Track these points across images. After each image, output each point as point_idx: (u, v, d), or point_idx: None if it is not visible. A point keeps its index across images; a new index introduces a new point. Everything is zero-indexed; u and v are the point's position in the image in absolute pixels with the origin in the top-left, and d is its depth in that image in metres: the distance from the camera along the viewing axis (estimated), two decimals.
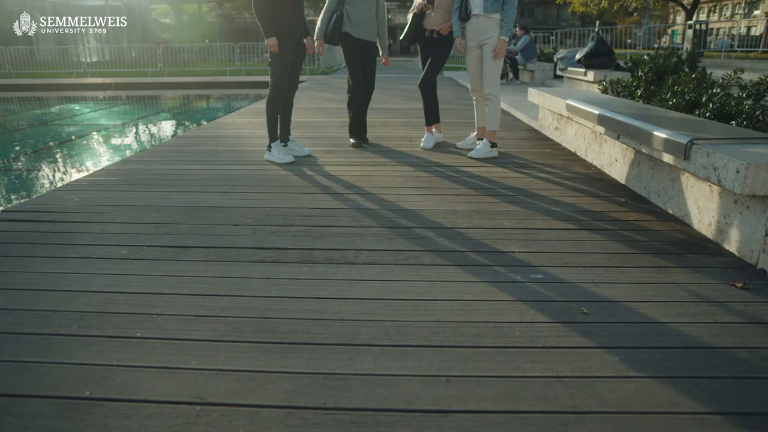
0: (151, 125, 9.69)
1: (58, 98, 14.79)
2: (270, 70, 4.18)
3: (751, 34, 29.28)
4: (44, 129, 9.32)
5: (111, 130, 9.16)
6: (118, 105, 13.18)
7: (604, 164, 4.12)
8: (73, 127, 9.46)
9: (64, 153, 7.24)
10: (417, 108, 7.11)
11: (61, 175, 5.92)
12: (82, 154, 7.12)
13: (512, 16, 4.29)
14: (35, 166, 6.50)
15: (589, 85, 8.25)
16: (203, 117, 10.81)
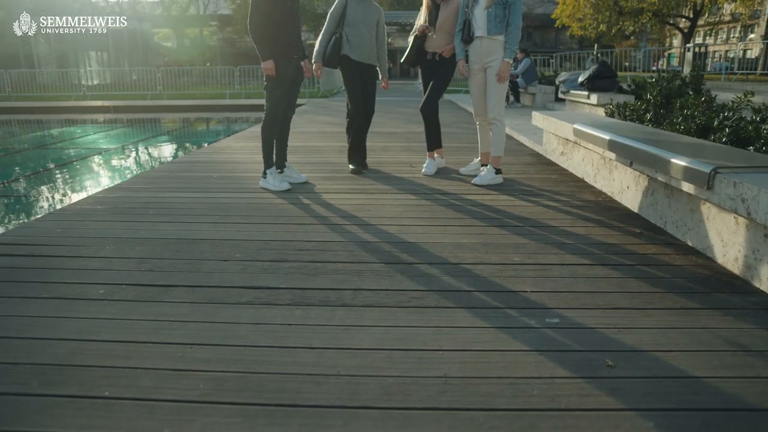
0: (147, 149, 9.56)
1: (56, 121, 14.71)
2: (266, 94, 4.03)
3: (746, 57, 29.48)
4: (38, 153, 9.20)
5: (105, 154, 9.02)
6: (115, 128, 13.08)
7: (615, 191, 3.94)
8: (68, 150, 9.34)
9: (55, 178, 7.08)
10: (418, 132, 6.97)
11: (47, 203, 5.73)
12: (72, 180, 6.96)
13: (516, 38, 4.15)
14: (22, 192, 6.33)
15: (593, 108, 8.12)
16: (200, 141, 10.65)
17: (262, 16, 3.78)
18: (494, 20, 4.09)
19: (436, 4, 4.50)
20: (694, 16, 31.34)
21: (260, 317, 2.08)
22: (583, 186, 4.34)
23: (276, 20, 3.82)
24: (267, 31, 3.81)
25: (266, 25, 3.81)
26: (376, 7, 4.68)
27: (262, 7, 3.77)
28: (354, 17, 4.54)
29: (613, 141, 3.57)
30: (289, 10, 3.91)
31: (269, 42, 3.83)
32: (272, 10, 3.79)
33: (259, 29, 3.81)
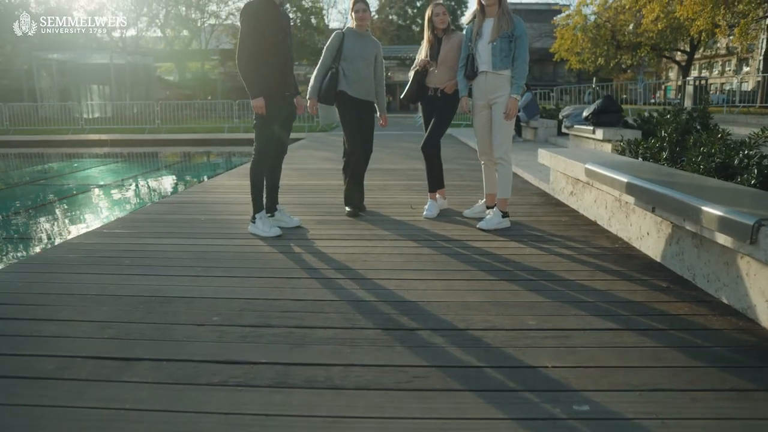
0: (136, 187, 9.21)
1: (52, 155, 14.54)
2: (255, 133, 3.76)
3: (742, 89, 29.62)
4: (23, 190, 8.90)
5: (91, 192, 8.67)
6: (109, 163, 12.82)
7: (633, 237, 3.62)
8: (54, 188, 9.04)
9: (33, 221, 6.68)
10: (418, 168, 6.71)
11: (18, 251, 5.35)
12: (51, 223, 6.57)
13: (524, 72, 3.91)
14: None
15: (598, 143, 7.89)
16: (193, 178, 10.36)
17: (252, 51, 3.54)
18: (500, 54, 3.86)
19: (438, 37, 4.28)
20: (691, 50, 31.64)
21: (233, 404, 1.74)
22: (597, 230, 4.03)
23: (267, 55, 3.58)
24: (257, 66, 3.57)
25: (256, 60, 3.56)
26: (374, 41, 4.47)
27: (252, 40, 3.54)
28: (351, 51, 4.32)
29: (633, 184, 3.28)
30: (281, 44, 3.67)
31: (259, 78, 3.58)
32: (263, 44, 3.55)
33: (248, 65, 3.56)
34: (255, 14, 3.53)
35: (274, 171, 3.98)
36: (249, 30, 3.52)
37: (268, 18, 3.56)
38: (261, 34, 3.53)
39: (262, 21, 3.53)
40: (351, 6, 4.37)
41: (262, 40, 3.55)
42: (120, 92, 32.16)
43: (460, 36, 4.22)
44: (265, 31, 3.54)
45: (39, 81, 32.07)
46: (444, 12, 4.27)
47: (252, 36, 3.52)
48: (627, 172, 3.51)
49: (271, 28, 3.58)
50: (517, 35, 3.86)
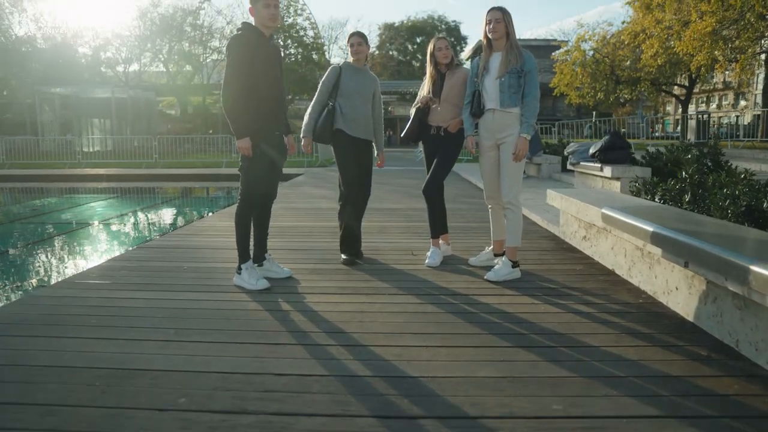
0: (120, 228, 8.69)
1: (44, 190, 14.28)
2: (241, 177, 3.44)
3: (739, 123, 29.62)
4: (2, 230, 8.48)
5: (72, 234, 8.14)
6: (99, 200, 12.46)
7: (659, 291, 3.26)
8: (35, 227, 8.63)
9: (2, 266, 6.21)
10: (419, 208, 6.39)
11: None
12: (19, 270, 6.05)
13: (535, 110, 3.62)
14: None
15: (606, 181, 7.59)
16: (183, 217, 9.92)
17: (239, 86, 3.25)
18: (508, 91, 3.58)
19: (441, 73, 4.01)
20: (690, 85, 31.82)
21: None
22: (616, 281, 3.67)
23: (255, 91, 3.29)
24: (244, 103, 3.27)
25: (244, 96, 3.27)
26: (372, 76, 4.20)
27: (240, 75, 3.25)
28: (349, 87, 4.05)
29: (660, 234, 2.93)
30: (271, 79, 3.39)
31: (246, 116, 3.28)
32: (251, 79, 3.27)
33: (234, 101, 3.26)
34: (243, 47, 3.26)
35: (262, 217, 3.65)
36: (236, 63, 3.24)
37: (257, 51, 3.29)
38: (249, 69, 3.25)
39: (250, 54, 3.26)
40: (347, 39, 4.13)
41: (251, 74, 3.26)
42: (121, 126, 32.24)
43: (465, 71, 3.95)
44: (254, 65, 3.26)
45: (41, 114, 32.24)
46: (447, 46, 4.01)
47: (239, 70, 3.24)
48: (651, 219, 3.17)
49: (261, 61, 3.30)
50: (526, 70, 3.58)
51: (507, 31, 3.58)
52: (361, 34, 4.12)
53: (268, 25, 3.33)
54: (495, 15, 3.55)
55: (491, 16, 3.56)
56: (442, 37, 4.06)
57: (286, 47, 39.11)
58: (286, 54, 38.85)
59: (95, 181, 15.68)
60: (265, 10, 3.26)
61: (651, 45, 21.04)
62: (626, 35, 23.35)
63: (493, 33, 3.57)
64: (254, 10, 3.29)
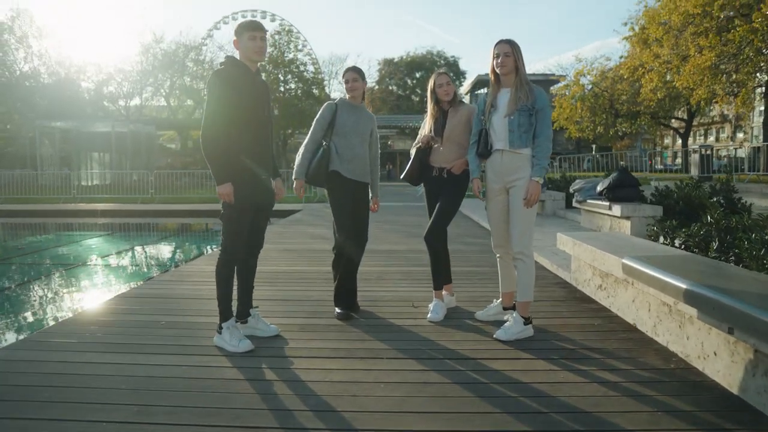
0: (101, 272, 7.90)
1: (35, 226, 13.95)
2: (223, 226, 3.09)
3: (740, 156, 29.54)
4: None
5: (46, 279, 7.32)
6: (86, 238, 12.04)
7: (692, 355, 2.88)
8: (4, 269, 8.07)
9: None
10: (419, 250, 6.05)
11: None
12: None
13: (547, 151, 3.30)
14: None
15: (615, 220, 7.27)
16: (171, 259, 9.38)
17: (221, 125, 2.93)
18: (518, 130, 3.27)
19: (443, 110, 3.72)
20: (689, 118, 31.90)
21: None
22: (641, 340, 3.29)
23: (240, 130, 2.98)
24: (227, 144, 2.95)
25: (226, 136, 2.95)
26: (369, 114, 3.92)
27: (222, 113, 2.94)
28: (345, 126, 3.75)
29: (697, 294, 2.57)
30: (258, 117, 3.08)
31: (229, 159, 2.96)
32: (235, 118, 2.96)
33: (215, 142, 2.93)
34: (226, 82, 2.96)
35: (246, 270, 3.29)
36: (218, 100, 2.94)
37: (242, 87, 2.99)
38: (233, 106, 2.94)
39: (234, 90, 2.96)
40: (342, 75, 3.86)
41: (235, 112, 2.96)
42: (121, 160, 32.20)
43: (470, 108, 3.66)
44: (237, 102, 2.96)
45: (40, 148, 32.26)
46: (448, 82, 3.72)
47: (222, 107, 2.93)
48: (682, 273, 2.81)
49: (246, 98, 3.00)
50: (538, 108, 3.29)
51: (516, 65, 3.30)
52: (357, 69, 3.84)
53: (253, 59, 3.05)
54: (503, 48, 3.27)
55: (499, 50, 3.28)
56: (443, 72, 3.77)
57: (286, 82, 39.44)
58: (286, 89, 39.18)
59: (89, 217, 15.35)
60: (251, 42, 2.98)
61: (650, 79, 21.05)
62: (625, 69, 23.41)
63: (501, 68, 3.29)
64: (239, 42, 3.02)
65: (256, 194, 3.09)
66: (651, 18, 21.34)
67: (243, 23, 3.00)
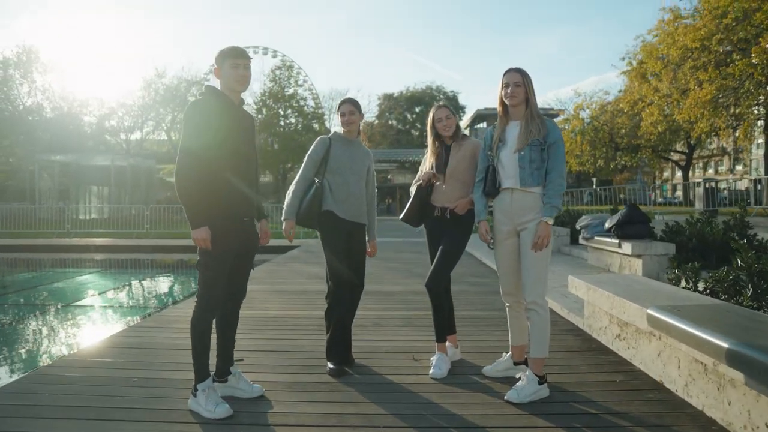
0: (77, 316, 7.12)
1: (22, 262, 13.57)
2: (199, 275, 2.76)
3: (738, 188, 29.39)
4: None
5: (15, 324, 6.62)
6: (72, 275, 11.55)
7: (736, 424, 2.50)
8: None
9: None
10: (420, 291, 5.69)
11: None
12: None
13: (560, 189, 2.99)
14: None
15: (625, 259, 6.93)
16: (156, 300, 8.73)
17: (197, 162, 2.63)
18: (529, 166, 2.97)
19: (446, 145, 3.42)
20: (690, 151, 31.88)
21: None
22: (671, 401, 2.91)
23: (219, 167, 2.67)
24: (203, 183, 2.64)
25: (202, 173, 2.64)
26: (365, 150, 3.63)
27: (199, 148, 2.64)
28: (340, 162, 3.46)
29: (743, 355, 2.21)
30: (241, 153, 2.78)
31: (205, 199, 2.64)
32: (214, 153, 2.66)
33: (190, 181, 2.62)
34: (204, 114, 2.67)
35: (226, 323, 2.94)
36: (195, 134, 2.64)
37: (223, 119, 2.70)
38: (212, 140, 2.65)
39: (213, 123, 2.66)
40: (337, 108, 3.58)
41: (214, 147, 2.66)
42: (120, 194, 32.05)
43: (475, 143, 3.37)
44: (218, 135, 2.66)
45: (39, 182, 32.21)
46: (448, 116, 3.44)
47: (199, 142, 2.63)
48: (721, 328, 2.46)
49: (227, 131, 2.71)
50: (550, 142, 3.00)
51: (527, 96, 3.02)
52: (354, 101, 3.56)
53: (236, 89, 2.77)
54: (514, 78, 3.00)
55: (509, 79, 3.01)
56: (443, 106, 3.49)
57: (286, 116, 39.65)
58: (286, 123, 39.37)
59: (81, 252, 14.99)
60: (233, 71, 2.71)
61: (651, 113, 21.03)
62: (625, 103, 23.45)
63: (511, 98, 3.01)
64: (220, 70, 2.74)
65: (238, 239, 2.76)
66: (649, 53, 21.48)
67: (224, 50, 2.73)
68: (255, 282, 7.28)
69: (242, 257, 2.85)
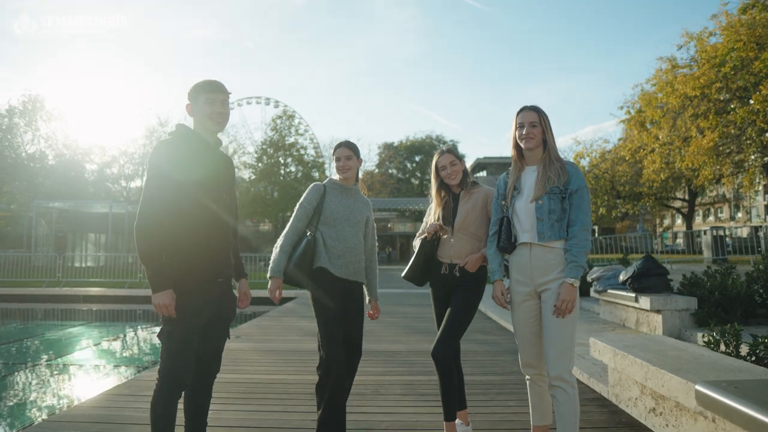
0: (49, 378, 6.37)
1: (9, 312, 13.02)
2: (161, 347, 2.31)
3: (739, 236, 29.02)
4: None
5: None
6: (55, 329, 10.82)
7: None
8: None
9: None
10: (425, 351, 5.22)
11: None
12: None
13: (585, 244, 2.59)
14: None
15: (643, 314, 6.46)
16: (132, 363, 7.75)
17: (160, 212, 2.23)
18: (548, 218, 2.58)
19: (454, 194, 3.05)
20: (691, 198, 31.70)
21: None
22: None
23: (187, 220, 2.27)
24: (169, 238, 2.24)
25: (167, 226, 2.24)
26: (363, 200, 3.23)
27: (166, 194, 2.25)
28: (335, 212, 3.06)
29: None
30: (215, 202, 2.39)
31: (171, 258, 2.23)
32: (182, 203, 2.26)
33: (152, 236, 2.22)
34: (174, 156, 2.29)
35: (195, 407, 2.47)
36: (160, 181, 2.25)
37: (195, 162, 2.32)
38: (180, 187, 2.26)
39: (184, 167, 2.28)
40: (332, 151, 3.22)
41: (183, 195, 2.26)
42: (118, 241, 31.68)
43: (486, 191, 3.00)
44: (187, 182, 2.28)
45: (36, 229, 31.99)
46: (453, 162, 3.07)
47: (163, 191, 2.24)
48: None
49: (199, 176, 2.32)
50: (572, 189, 2.62)
51: (545, 137, 2.67)
52: (350, 144, 3.20)
53: (211, 128, 2.41)
54: (529, 117, 2.65)
55: (524, 119, 2.66)
56: (447, 151, 3.11)
57: (286, 165, 39.74)
58: (286, 172, 39.41)
59: (70, 303, 14.46)
60: (207, 107, 2.35)
61: (653, 160, 20.91)
62: (626, 151, 23.39)
63: (526, 140, 2.65)
64: (192, 107, 2.39)
65: (210, 304, 2.33)
66: (648, 101, 21.56)
67: (198, 84, 2.38)
68: (244, 339, 6.78)
69: (215, 325, 2.41)
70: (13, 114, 39.25)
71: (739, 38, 16.00)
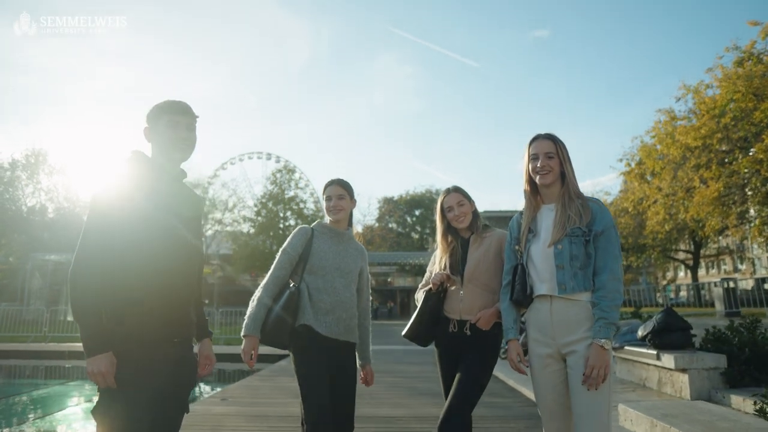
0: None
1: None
2: (96, 429, 1.85)
3: (742, 287, 28.36)
4: None
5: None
6: (33, 388, 10.11)
7: None
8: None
9: None
10: (428, 417, 4.67)
11: None
12: None
13: (616, 295, 2.16)
14: None
15: (666, 373, 5.94)
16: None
17: (102, 258, 1.82)
18: (570, 265, 2.17)
19: (463, 238, 2.65)
20: (696, 249, 31.26)
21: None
22: None
23: (137, 267, 1.85)
24: (111, 290, 1.81)
25: (110, 276, 1.82)
26: (357, 247, 2.83)
27: (109, 237, 1.84)
28: (324, 260, 2.66)
29: None
30: (177, 245, 1.97)
31: (113, 314, 1.81)
32: (133, 245, 1.85)
33: (89, 291, 1.81)
34: (123, 189, 1.90)
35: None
36: (103, 220, 1.86)
37: (150, 196, 1.92)
38: (129, 227, 1.85)
39: (135, 202, 1.89)
40: (323, 190, 2.85)
41: (131, 237, 1.85)
42: None
43: (501, 236, 2.60)
44: (139, 220, 1.88)
45: (30, 281, 31.55)
46: (460, 202, 2.70)
47: (105, 233, 1.84)
48: None
49: (155, 213, 1.91)
50: (597, 231, 2.22)
51: (563, 169, 2.29)
52: (342, 182, 2.83)
53: (173, 156, 2.02)
54: (544, 147, 2.29)
55: (538, 149, 2.30)
56: (454, 191, 2.74)
57: (285, 219, 39.61)
58: (285, 225, 39.18)
59: (54, 359, 13.86)
60: (170, 131, 1.98)
61: (656, 211, 20.66)
62: (629, 203, 23.19)
63: (542, 175, 2.28)
64: (151, 131, 2.01)
65: (161, 372, 1.88)
66: (647, 153, 21.53)
67: (160, 104, 2.01)
68: (231, 403, 6.20)
69: (170, 399, 1.94)
70: (15, 167, 39.51)
71: (737, 89, 16.06)
